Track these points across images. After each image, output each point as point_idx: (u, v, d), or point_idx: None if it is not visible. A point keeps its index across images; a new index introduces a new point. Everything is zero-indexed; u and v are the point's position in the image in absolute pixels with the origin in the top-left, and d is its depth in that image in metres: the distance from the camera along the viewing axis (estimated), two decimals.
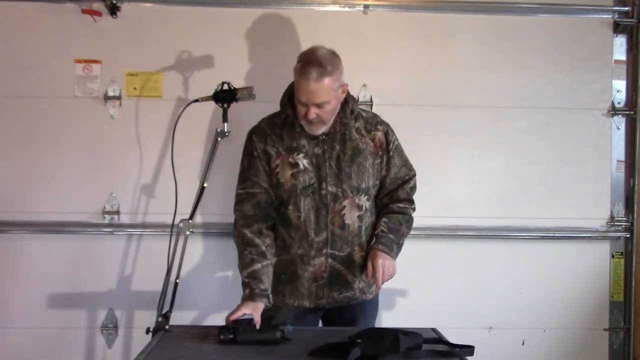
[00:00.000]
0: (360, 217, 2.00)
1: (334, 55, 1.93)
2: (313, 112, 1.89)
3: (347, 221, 1.98)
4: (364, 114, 2.11)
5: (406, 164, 2.11)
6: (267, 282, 1.92)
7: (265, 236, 1.99)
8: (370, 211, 2.05)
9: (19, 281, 2.60)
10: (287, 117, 2.01)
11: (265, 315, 2.09)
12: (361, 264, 2.01)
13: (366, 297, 2.07)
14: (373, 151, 2.04)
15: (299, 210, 1.97)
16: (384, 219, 2.03)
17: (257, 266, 1.92)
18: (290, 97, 2.00)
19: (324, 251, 1.97)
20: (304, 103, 1.90)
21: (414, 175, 2.12)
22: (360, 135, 2.04)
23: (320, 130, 1.97)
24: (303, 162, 1.98)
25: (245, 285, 1.92)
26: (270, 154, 2.00)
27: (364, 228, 2.01)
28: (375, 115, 2.13)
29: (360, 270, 2.02)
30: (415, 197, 2.11)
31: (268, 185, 2.01)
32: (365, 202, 2.01)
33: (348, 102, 2.02)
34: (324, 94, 1.87)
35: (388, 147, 2.06)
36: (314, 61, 1.87)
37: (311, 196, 1.97)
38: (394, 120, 2.15)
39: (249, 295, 1.89)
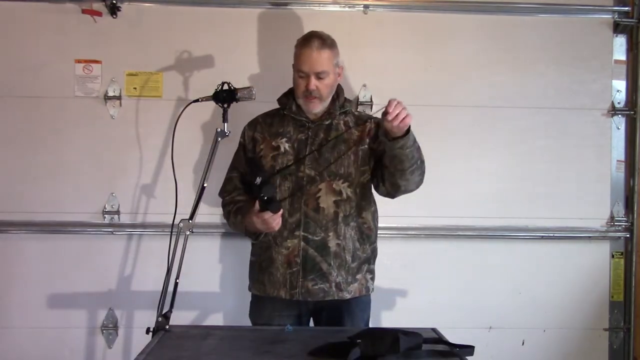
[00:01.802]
0: (337, 203, 2.01)
1: (331, 37, 2.05)
2: (313, 83, 1.98)
3: (322, 205, 2.00)
4: (357, 113, 2.18)
5: None
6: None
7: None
8: (353, 200, 2.04)
9: (19, 281, 2.60)
10: (281, 106, 2.11)
11: (254, 312, 2.12)
12: (337, 254, 2.01)
13: (343, 296, 2.02)
14: (357, 139, 2.06)
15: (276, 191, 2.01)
16: None
17: (240, 203, 2.04)
18: (289, 93, 2.10)
19: (297, 233, 1.99)
20: (305, 73, 1.99)
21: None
22: (347, 127, 2.08)
23: (318, 108, 2.04)
24: (285, 146, 2.05)
25: (238, 214, 2.02)
26: (257, 139, 2.11)
27: (341, 215, 2.01)
28: (369, 115, 2.19)
29: (334, 258, 2.00)
30: (415, 197, 2.10)
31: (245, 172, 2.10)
32: (345, 188, 2.02)
33: (339, 96, 2.10)
34: (324, 63, 1.98)
35: (379, 132, 2.03)
36: (315, 35, 2.02)
37: (289, 178, 2.01)
38: None
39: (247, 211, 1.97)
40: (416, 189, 2.06)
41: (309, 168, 2.01)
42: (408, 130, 1.86)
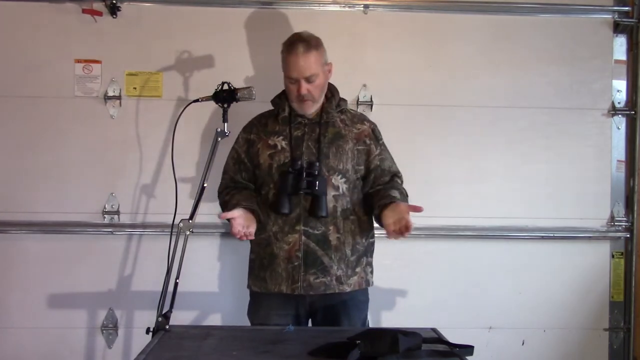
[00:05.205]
0: (335, 197, 2.03)
1: (315, 36, 2.05)
2: (304, 87, 1.99)
3: None
4: (352, 112, 2.20)
5: (393, 162, 2.17)
6: (251, 200, 2.04)
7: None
8: (347, 196, 2.06)
9: (19, 281, 2.60)
10: (275, 107, 2.11)
11: (252, 310, 2.13)
12: (338, 247, 2.02)
13: (344, 289, 2.03)
14: (355, 137, 2.09)
15: (275, 189, 2.02)
16: (391, 189, 2.06)
17: (236, 197, 2.05)
18: (282, 94, 2.12)
19: (297, 227, 2.00)
20: (294, 79, 2.00)
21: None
22: (344, 124, 2.11)
23: (312, 109, 2.06)
24: (281, 144, 2.06)
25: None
26: (253, 140, 2.12)
27: (339, 209, 2.03)
28: (363, 114, 2.24)
29: (335, 252, 2.01)
30: (415, 197, 2.11)
31: (233, 174, 2.14)
32: (342, 183, 2.04)
33: (334, 95, 2.12)
34: (312, 67, 1.99)
35: (379, 142, 2.13)
36: (298, 39, 2.01)
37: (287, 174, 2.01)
38: (393, 120, 2.16)
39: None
40: None
41: (306, 163, 2.01)
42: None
